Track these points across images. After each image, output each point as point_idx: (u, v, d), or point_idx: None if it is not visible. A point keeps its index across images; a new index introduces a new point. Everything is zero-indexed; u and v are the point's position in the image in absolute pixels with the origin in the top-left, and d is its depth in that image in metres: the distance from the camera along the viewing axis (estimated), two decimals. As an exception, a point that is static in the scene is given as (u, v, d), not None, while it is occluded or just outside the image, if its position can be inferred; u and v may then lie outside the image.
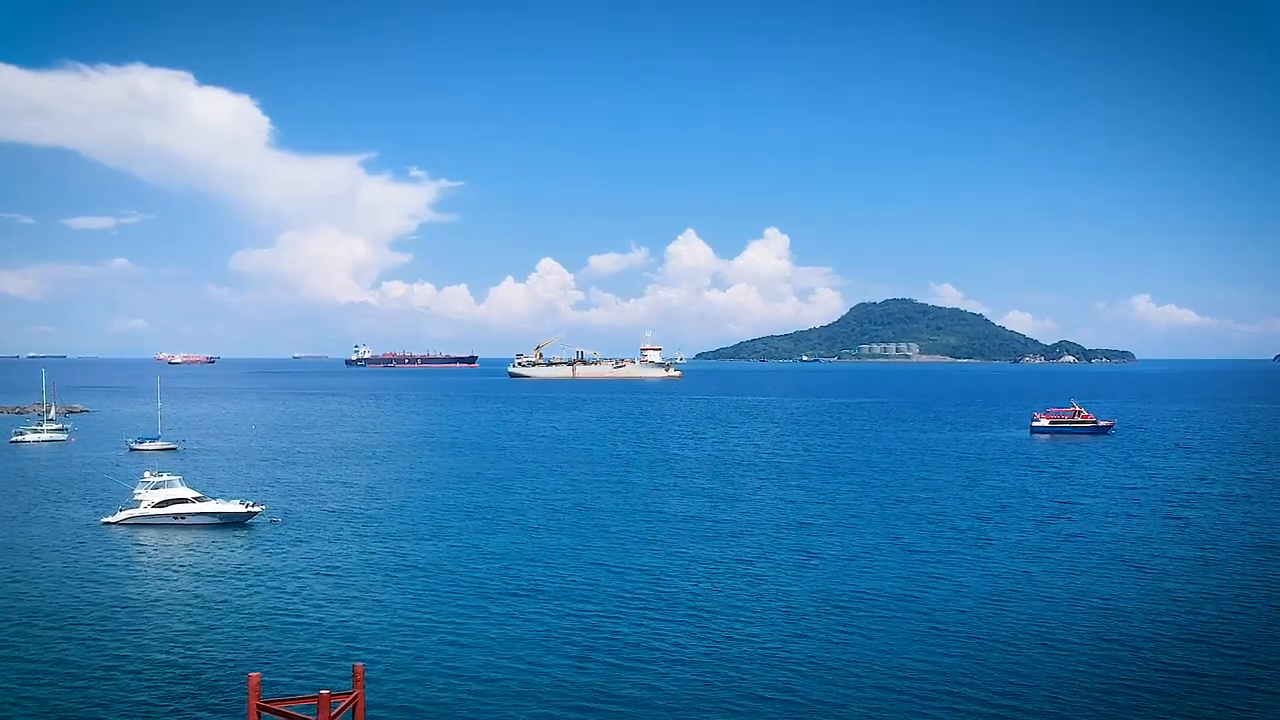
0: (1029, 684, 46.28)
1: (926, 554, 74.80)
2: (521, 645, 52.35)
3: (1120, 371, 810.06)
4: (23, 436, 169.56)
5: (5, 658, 50.18)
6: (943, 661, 49.40)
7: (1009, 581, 66.12)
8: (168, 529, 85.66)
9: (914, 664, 49.10)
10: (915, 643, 52.63)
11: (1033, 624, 56.05)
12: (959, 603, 60.78)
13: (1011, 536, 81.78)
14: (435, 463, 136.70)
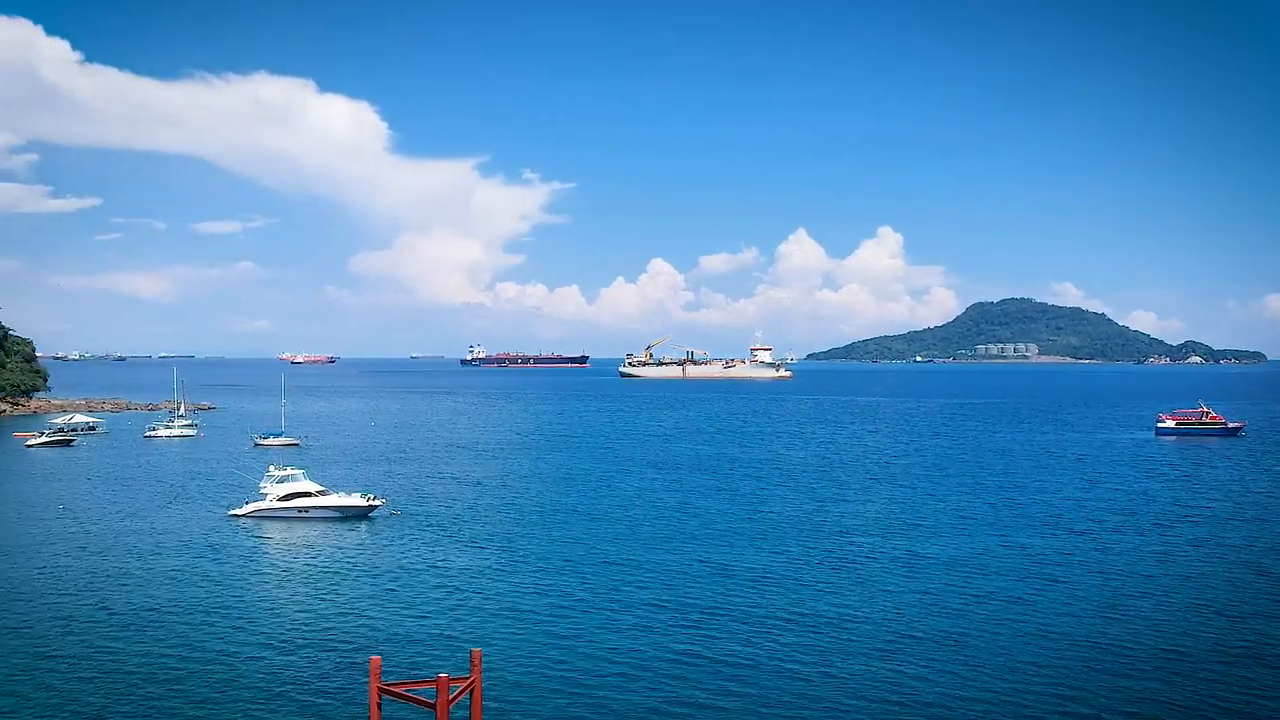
0: (1146, 694, 44.98)
1: (1041, 557, 73.24)
2: (627, 639, 52.84)
3: (1251, 373, 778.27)
4: (155, 432, 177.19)
5: (134, 642, 52.50)
6: (1055, 667, 48.39)
7: (1128, 587, 64.37)
8: (292, 521, 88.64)
9: (1025, 669, 48.14)
10: (1027, 647, 51.58)
11: (1152, 631, 54.48)
12: (1074, 608, 59.43)
13: (1131, 541, 79.64)
14: (544, 459, 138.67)
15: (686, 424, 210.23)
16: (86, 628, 54.99)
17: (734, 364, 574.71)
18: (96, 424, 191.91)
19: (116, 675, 47.17)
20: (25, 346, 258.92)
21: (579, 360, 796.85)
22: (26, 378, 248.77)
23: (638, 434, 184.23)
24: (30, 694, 44.82)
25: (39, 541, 79.28)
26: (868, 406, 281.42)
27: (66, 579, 66.42)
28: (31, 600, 61.03)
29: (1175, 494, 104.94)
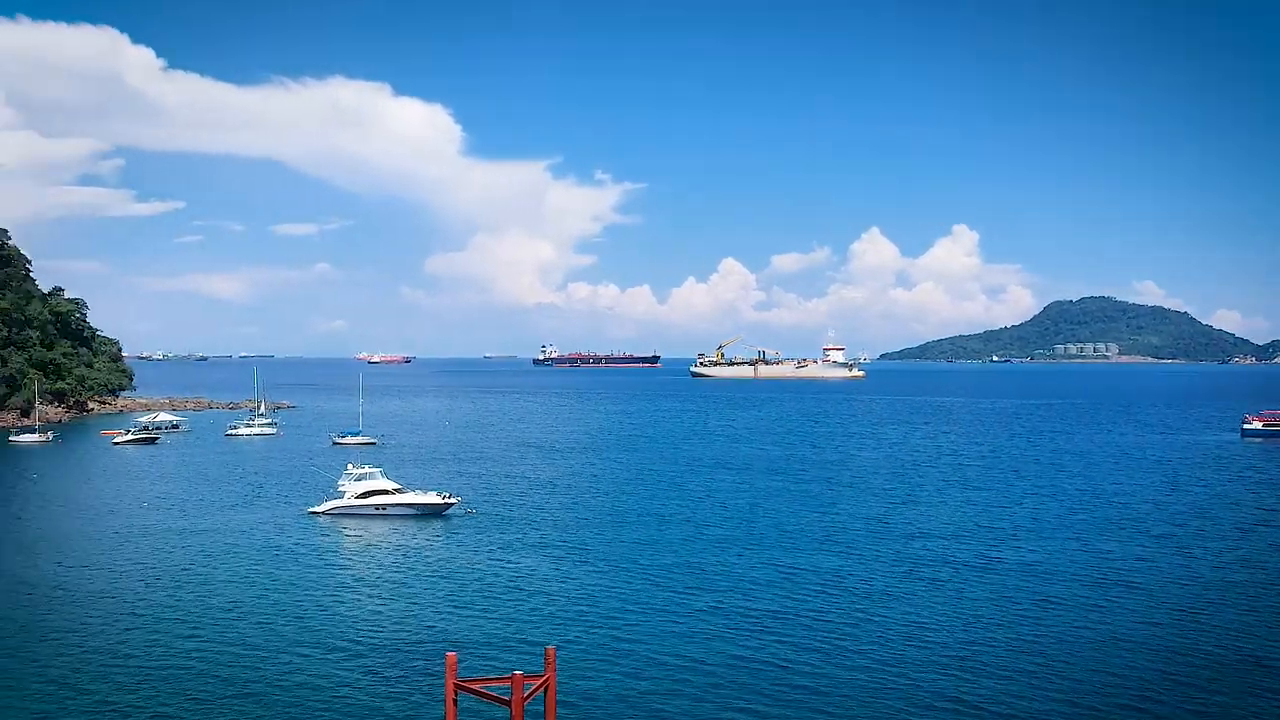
0: (1228, 706, 43.98)
1: (1118, 561, 71.92)
2: (695, 641, 52.97)
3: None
4: (236, 430, 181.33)
5: (214, 638, 53.83)
6: (1133, 676, 47.43)
7: (1210, 593, 62.92)
8: (369, 519, 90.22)
9: (1103, 678, 47.26)
10: (1104, 655, 50.73)
11: (1235, 639, 53.32)
12: (1153, 615, 58.29)
13: (1213, 545, 77.88)
14: (614, 459, 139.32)
15: (757, 424, 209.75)
16: (166, 624, 56.47)
17: (806, 364, 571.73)
18: (179, 422, 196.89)
19: (194, 672, 48.44)
20: (112, 346, 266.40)
21: (650, 360, 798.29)
22: (113, 377, 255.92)
23: (708, 434, 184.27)
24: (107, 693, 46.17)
25: (122, 538, 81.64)
26: (942, 407, 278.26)
27: (147, 575, 68.36)
28: (112, 597, 62.83)
29: (1260, 498, 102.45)
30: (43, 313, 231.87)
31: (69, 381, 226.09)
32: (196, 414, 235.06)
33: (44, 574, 68.54)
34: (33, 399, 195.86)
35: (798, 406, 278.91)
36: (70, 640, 53.12)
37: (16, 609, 59.45)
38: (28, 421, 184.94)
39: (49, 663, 49.35)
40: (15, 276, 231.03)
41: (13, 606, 59.97)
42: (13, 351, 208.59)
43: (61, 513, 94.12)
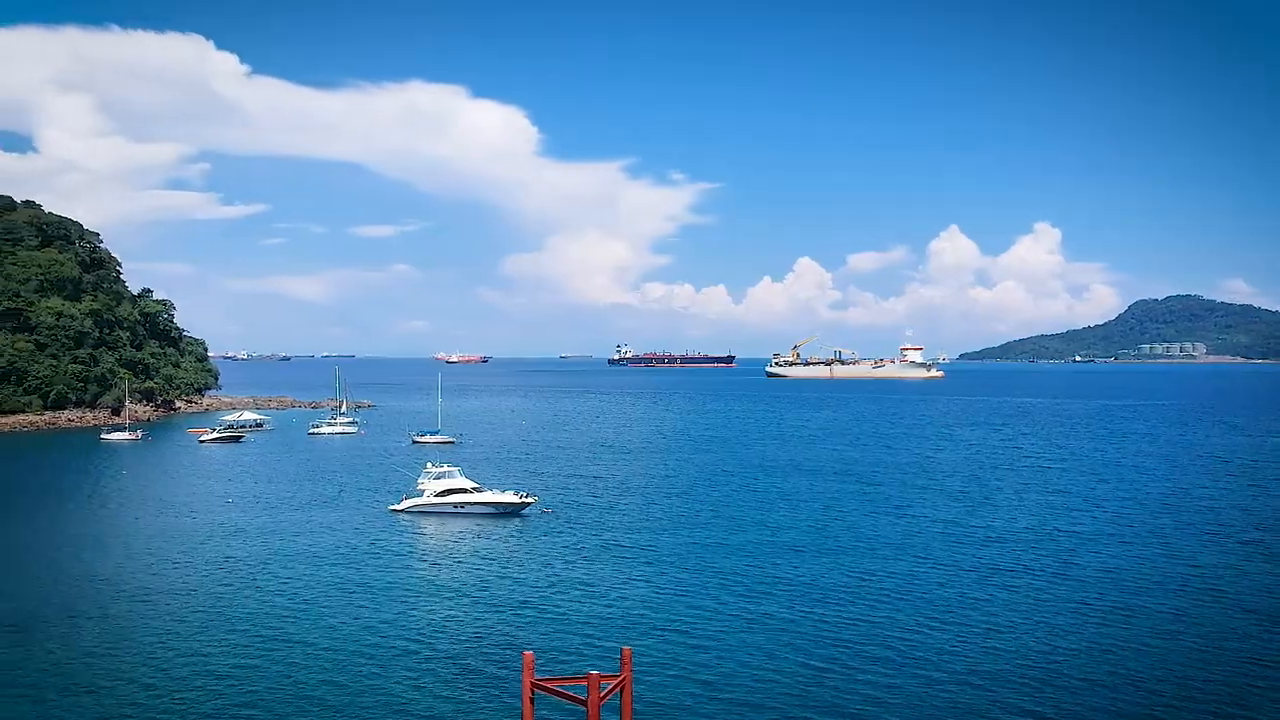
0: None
1: (1204, 568, 70.22)
2: (770, 644, 52.97)
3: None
4: (319, 429, 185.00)
5: (293, 635, 55.02)
6: (1219, 686, 46.44)
7: (1298, 601, 61.63)
8: (447, 517, 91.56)
9: (1186, 686, 46.35)
10: (1188, 664, 49.64)
11: (1323, 648, 52.14)
12: (1240, 623, 56.90)
13: (1303, 553, 75.93)
14: (688, 460, 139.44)
15: (831, 425, 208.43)
16: (247, 621, 57.83)
17: (883, 364, 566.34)
18: (264, 421, 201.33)
19: (273, 670, 49.61)
20: (198, 347, 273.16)
21: (725, 360, 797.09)
22: (200, 377, 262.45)
23: (782, 435, 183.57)
24: (183, 690, 47.49)
25: (205, 535, 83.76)
26: (1022, 408, 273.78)
27: (230, 572, 70.13)
28: (195, 593, 64.48)
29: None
30: (132, 314, 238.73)
31: (157, 381, 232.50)
32: (280, 413, 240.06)
33: (126, 570, 70.62)
34: (123, 398, 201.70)
35: (873, 407, 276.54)
36: (148, 637, 54.62)
37: (97, 605, 61.25)
38: (118, 420, 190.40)
39: (127, 659, 50.84)
40: (106, 279, 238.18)
41: (93, 602, 61.81)
42: (104, 351, 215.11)
43: (148, 510, 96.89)
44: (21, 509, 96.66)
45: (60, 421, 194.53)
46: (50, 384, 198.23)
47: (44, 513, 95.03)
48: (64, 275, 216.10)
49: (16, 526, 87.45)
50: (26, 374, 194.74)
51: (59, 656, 50.69)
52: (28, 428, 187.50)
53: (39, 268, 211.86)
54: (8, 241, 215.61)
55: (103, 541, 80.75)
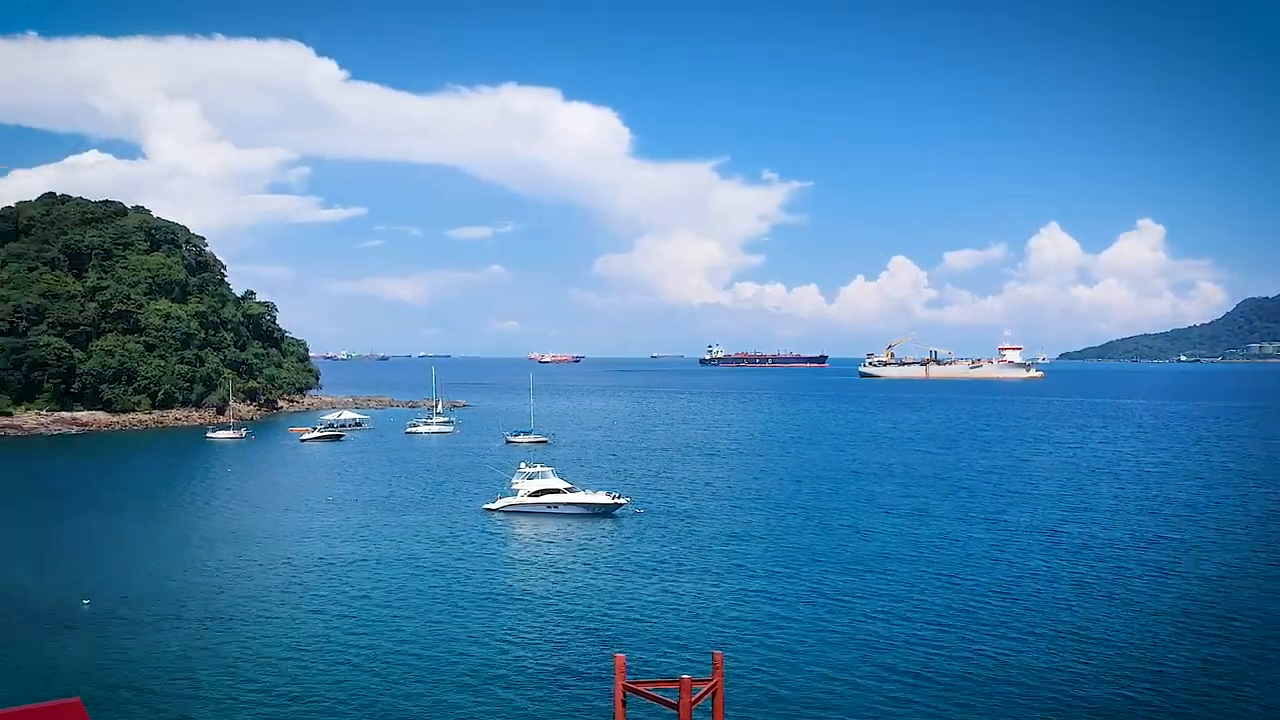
0: None
1: (1311, 578, 68.19)
2: (860, 649, 52.90)
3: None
4: (415, 428, 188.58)
5: (387, 634, 56.39)
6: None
7: None
8: (540, 517, 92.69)
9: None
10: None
11: None
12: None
13: None
14: (778, 461, 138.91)
15: (925, 427, 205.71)
16: (343, 619, 59.46)
17: (980, 364, 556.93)
18: (362, 420, 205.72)
19: (367, 666, 51.03)
20: (300, 347, 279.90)
21: (817, 360, 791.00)
22: (301, 376, 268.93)
23: (874, 436, 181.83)
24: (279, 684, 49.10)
25: (304, 533, 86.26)
26: (1124, 410, 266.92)
27: (328, 570, 72.13)
28: (294, 590, 66.55)
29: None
30: (236, 315, 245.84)
31: (260, 381, 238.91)
32: (378, 412, 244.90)
33: (231, 567, 73.10)
34: (227, 397, 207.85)
35: (970, 408, 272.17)
36: (248, 633, 56.52)
37: (201, 601, 63.55)
38: (223, 419, 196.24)
39: (224, 653, 52.72)
40: (212, 281, 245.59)
41: (198, 598, 64.15)
42: (209, 352, 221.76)
43: (250, 507, 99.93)
44: (132, 506, 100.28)
45: (168, 420, 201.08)
46: (159, 384, 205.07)
47: (153, 510, 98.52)
48: (172, 278, 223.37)
49: (127, 523, 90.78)
50: (136, 374, 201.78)
51: (163, 650, 52.78)
52: (138, 426, 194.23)
53: (148, 271, 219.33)
54: (119, 245, 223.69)
55: (208, 539, 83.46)
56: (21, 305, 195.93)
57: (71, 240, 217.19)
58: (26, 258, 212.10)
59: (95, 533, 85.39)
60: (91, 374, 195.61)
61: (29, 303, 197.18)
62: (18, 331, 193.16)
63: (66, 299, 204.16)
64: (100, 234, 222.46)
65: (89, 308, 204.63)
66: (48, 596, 62.89)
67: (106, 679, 47.77)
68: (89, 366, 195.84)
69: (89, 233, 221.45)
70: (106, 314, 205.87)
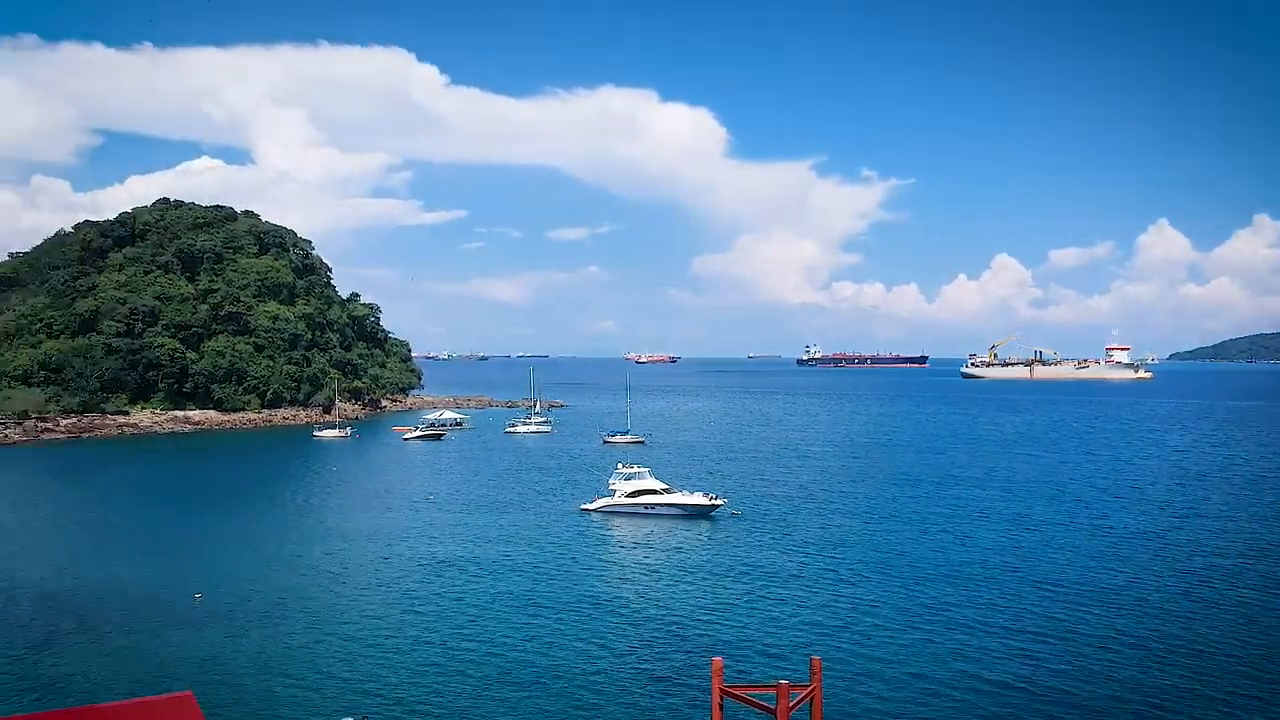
0: None
1: None
2: (958, 657, 52.17)
3: None
4: (514, 428, 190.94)
5: (484, 631, 57.32)
6: None
7: None
8: (637, 518, 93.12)
9: None
10: None
11: None
12: None
13: None
14: (876, 464, 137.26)
15: (1029, 429, 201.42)
16: (440, 617, 60.53)
17: (1087, 364, 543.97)
18: (463, 420, 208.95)
19: (464, 664, 51.89)
20: (403, 348, 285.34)
21: (918, 360, 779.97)
22: (404, 376, 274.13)
23: (975, 439, 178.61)
24: (378, 678, 50.16)
25: (405, 530, 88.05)
26: (1237, 412, 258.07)
27: (428, 568, 73.51)
28: (393, 588, 67.89)
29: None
30: (342, 317, 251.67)
31: (365, 381, 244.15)
32: (478, 411, 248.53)
33: (331, 564, 74.99)
34: (333, 396, 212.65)
35: (1075, 410, 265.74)
36: (346, 629, 57.95)
37: (301, 597, 65.37)
38: (329, 418, 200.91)
39: (325, 651, 54.09)
40: (318, 284, 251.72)
41: (300, 593, 66.07)
42: (316, 353, 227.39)
43: (354, 506, 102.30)
44: (242, 504, 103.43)
45: (276, 419, 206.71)
46: (267, 383, 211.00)
47: (262, 507, 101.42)
48: (280, 281, 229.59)
49: (238, 520, 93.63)
50: (246, 374, 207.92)
51: (269, 646, 54.39)
52: (247, 425, 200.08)
53: (257, 274, 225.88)
54: (229, 249, 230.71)
55: (313, 537, 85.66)
56: (138, 307, 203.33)
57: (185, 244, 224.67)
58: (142, 261, 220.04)
59: (207, 529, 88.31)
60: (203, 374, 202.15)
61: (144, 305, 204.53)
62: (134, 333, 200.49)
63: (180, 301, 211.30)
64: (212, 238, 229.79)
65: (201, 309, 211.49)
66: (163, 591, 65.30)
67: (216, 673, 49.44)
68: (201, 367, 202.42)
69: (201, 237, 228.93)
70: (217, 315, 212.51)
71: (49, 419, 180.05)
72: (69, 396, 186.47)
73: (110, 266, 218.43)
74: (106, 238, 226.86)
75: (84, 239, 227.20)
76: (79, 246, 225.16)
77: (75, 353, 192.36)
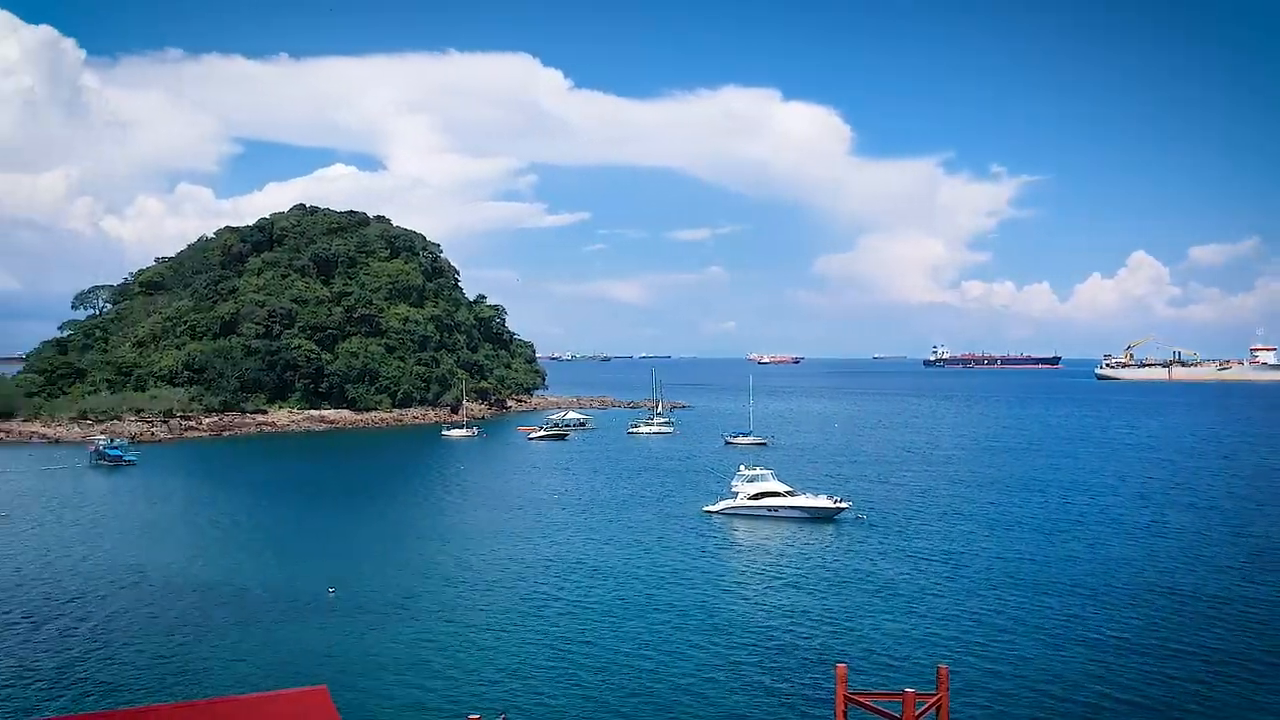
0: None
1: None
2: (1091, 670, 50.70)
3: None
4: (637, 429, 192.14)
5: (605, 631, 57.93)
6: None
7: None
8: (760, 520, 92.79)
9: None
10: None
11: None
12: None
13: None
14: (1005, 468, 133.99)
15: (1165, 432, 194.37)
16: (563, 618, 61.12)
17: (1229, 365, 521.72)
18: (586, 420, 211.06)
19: (585, 665, 52.44)
20: (527, 349, 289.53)
21: (1050, 361, 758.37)
22: (528, 377, 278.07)
23: (1108, 442, 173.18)
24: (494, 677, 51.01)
25: (532, 529, 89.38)
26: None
27: (551, 566, 74.54)
28: (516, 586, 68.85)
29: None
30: (469, 318, 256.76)
31: (491, 381, 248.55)
32: (601, 412, 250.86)
33: (458, 560, 76.52)
34: (460, 397, 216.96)
35: (1215, 414, 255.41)
36: (471, 626, 59.01)
37: (430, 593, 66.88)
38: (456, 418, 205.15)
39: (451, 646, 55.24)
40: (446, 286, 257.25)
41: (427, 590, 67.58)
42: (444, 354, 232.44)
43: (480, 504, 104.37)
44: (375, 500, 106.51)
45: (406, 419, 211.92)
46: (398, 384, 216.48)
47: (393, 504, 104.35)
48: (410, 284, 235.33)
49: (370, 516, 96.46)
50: (378, 375, 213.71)
51: (399, 641, 55.88)
52: (379, 424, 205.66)
53: (388, 277, 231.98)
54: (362, 253, 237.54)
55: (442, 534, 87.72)
56: (275, 310, 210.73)
57: (320, 249, 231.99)
58: (280, 265, 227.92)
59: (340, 524, 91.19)
60: (337, 374, 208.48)
61: (282, 307, 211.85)
62: (272, 335, 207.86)
63: (315, 304, 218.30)
64: (345, 243, 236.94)
65: (335, 312, 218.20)
66: (298, 585, 67.67)
67: (348, 666, 51.01)
68: (335, 367, 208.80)
69: (335, 242, 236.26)
70: (351, 318, 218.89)
71: (192, 417, 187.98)
72: (211, 396, 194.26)
73: (250, 271, 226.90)
74: (246, 243, 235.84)
75: (225, 244, 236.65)
76: (220, 252, 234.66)
77: (217, 354, 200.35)
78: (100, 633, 57.09)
